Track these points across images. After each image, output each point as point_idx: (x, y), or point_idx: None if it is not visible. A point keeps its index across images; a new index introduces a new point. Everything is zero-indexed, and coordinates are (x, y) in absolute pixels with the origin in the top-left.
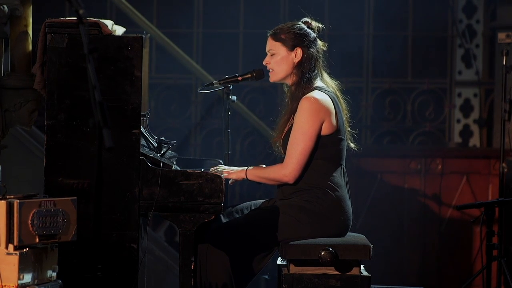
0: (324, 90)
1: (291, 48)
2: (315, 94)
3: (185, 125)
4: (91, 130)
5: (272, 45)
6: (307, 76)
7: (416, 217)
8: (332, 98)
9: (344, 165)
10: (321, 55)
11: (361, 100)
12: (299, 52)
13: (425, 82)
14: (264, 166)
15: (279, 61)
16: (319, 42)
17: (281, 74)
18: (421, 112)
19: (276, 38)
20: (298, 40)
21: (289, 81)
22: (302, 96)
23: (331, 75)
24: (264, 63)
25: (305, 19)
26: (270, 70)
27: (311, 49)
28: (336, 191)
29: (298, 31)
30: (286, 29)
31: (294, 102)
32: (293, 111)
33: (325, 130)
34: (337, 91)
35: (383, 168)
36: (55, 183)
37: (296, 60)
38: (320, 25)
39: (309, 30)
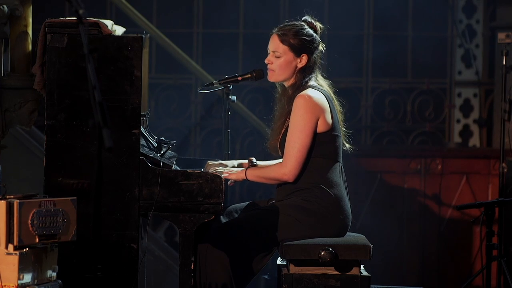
0: (318, 88)
1: (298, 54)
2: (309, 92)
3: (185, 125)
4: (91, 130)
5: (278, 47)
6: (305, 79)
7: (416, 217)
8: (326, 96)
9: (342, 163)
10: (319, 57)
11: (361, 100)
12: (304, 58)
13: (425, 82)
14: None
15: (283, 64)
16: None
17: (282, 77)
18: (421, 112)
19: (283, 41)
20: (305, 46)
21: (287, 83)
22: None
23: (324, 75)
24: (266, 61)
25: (308, 19)
26: (271, 70)
27: (314, 55)
28: (334, 189)
29: (307, 37)
30: (294, 33)
31: (290, 104)
32: (289, 112)
33: (320, 128)
34: (330, 92)
35: (383, 168)
36: (55, 183)
37: (300, 65)
38: (321, 26)
39: (315, 35)
